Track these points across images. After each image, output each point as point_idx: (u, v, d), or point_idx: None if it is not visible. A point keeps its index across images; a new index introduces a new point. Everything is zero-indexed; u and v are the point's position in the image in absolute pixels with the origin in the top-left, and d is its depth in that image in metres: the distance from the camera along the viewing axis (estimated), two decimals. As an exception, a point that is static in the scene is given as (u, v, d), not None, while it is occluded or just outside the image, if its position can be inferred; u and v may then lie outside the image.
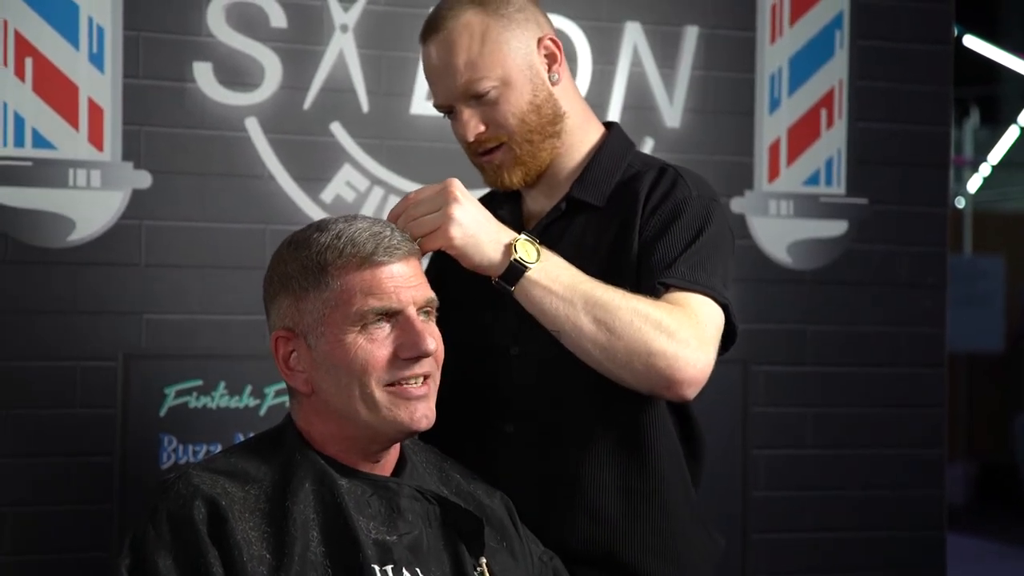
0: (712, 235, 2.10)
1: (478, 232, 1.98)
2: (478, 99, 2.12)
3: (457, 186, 1.99)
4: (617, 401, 2.10)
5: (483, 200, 2.30)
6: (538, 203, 2.25)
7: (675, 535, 2.15)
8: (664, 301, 2.02)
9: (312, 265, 1.85)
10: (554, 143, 2.18)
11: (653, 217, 2.11)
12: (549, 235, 2.16)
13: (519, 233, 2.03)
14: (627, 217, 2.13)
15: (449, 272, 2.11)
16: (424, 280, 1.90)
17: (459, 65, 2.11)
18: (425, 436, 2.22)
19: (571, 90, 2.22)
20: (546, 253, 2.01)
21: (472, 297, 2.15)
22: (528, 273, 1.98)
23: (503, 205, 2.27)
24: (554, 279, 1.99)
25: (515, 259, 1.98)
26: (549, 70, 2.17)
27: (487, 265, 1.99)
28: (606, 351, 1.98)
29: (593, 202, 2.18)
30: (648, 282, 2.05)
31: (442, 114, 2.21)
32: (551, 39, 2.18)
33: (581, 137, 2.22)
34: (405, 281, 1.86)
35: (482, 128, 2.14)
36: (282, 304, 1.89)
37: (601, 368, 2.01)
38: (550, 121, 2.16)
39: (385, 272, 1.85)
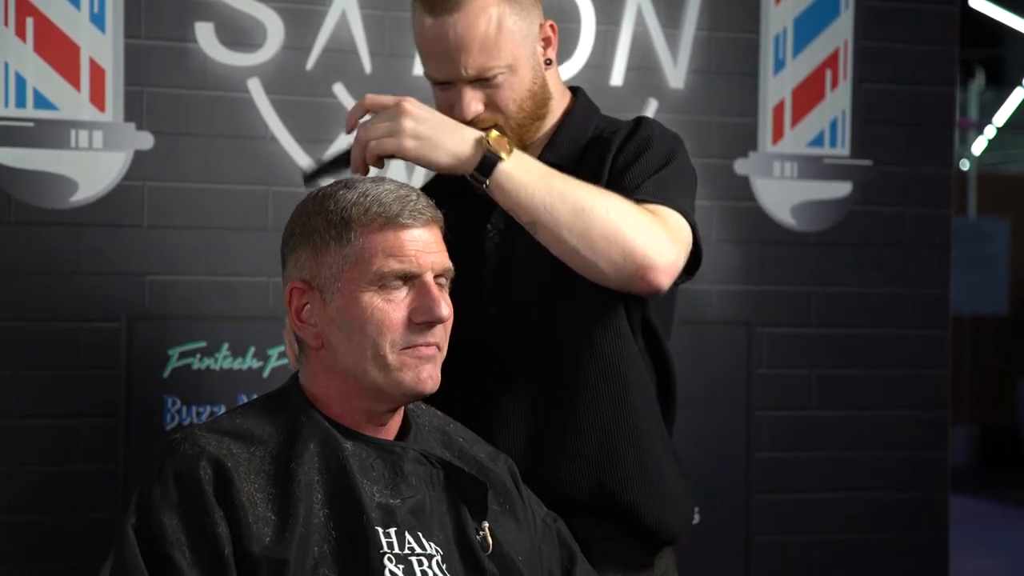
0: (678, 167, 2.16)
1: (434, 133, 2.03)
2: (483, 82, 2.15)
3: (410, 102, 2.05)
4: (589, 345, 2.16)
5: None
6: None
7: (655, 465, 2.21)
8: None
9: (336, 220, 1.86)
10: (540, 125, 2.23)
11: (619, 156, 2.17)
12: None
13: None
14: (596, 170, 2.17)
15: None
16: (444, 249, 1.90)
17: (473, 48, 2.13)
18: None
19: (555, 70, 2.28)
20: (517, 151, 2.05)
21: (456, 265, 2.18)
22: (502, 164, 2.01)
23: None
24: (528, 170, 2.03)
25: (488, 151, 2.02)
26: (545, 54, 2.21)
27: (456, 161, 2.03)
28: (583, 239, 2.01)
29: (564, 164, 2.19)
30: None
31: (432, 82, 2.23)
32: (550, 24, 2.23)
33: (555, 109, 2.27)
34: (426, 247, 1.86)
35: (481, 108, 2.16)
36: (301, 256, 1.89)
37: (577, 258, 2.04)
38: (541, 105, 2.22)
39: (407, 235, 1.85)
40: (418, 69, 3.06)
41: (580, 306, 2.19)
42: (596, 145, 2.22)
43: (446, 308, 1.86)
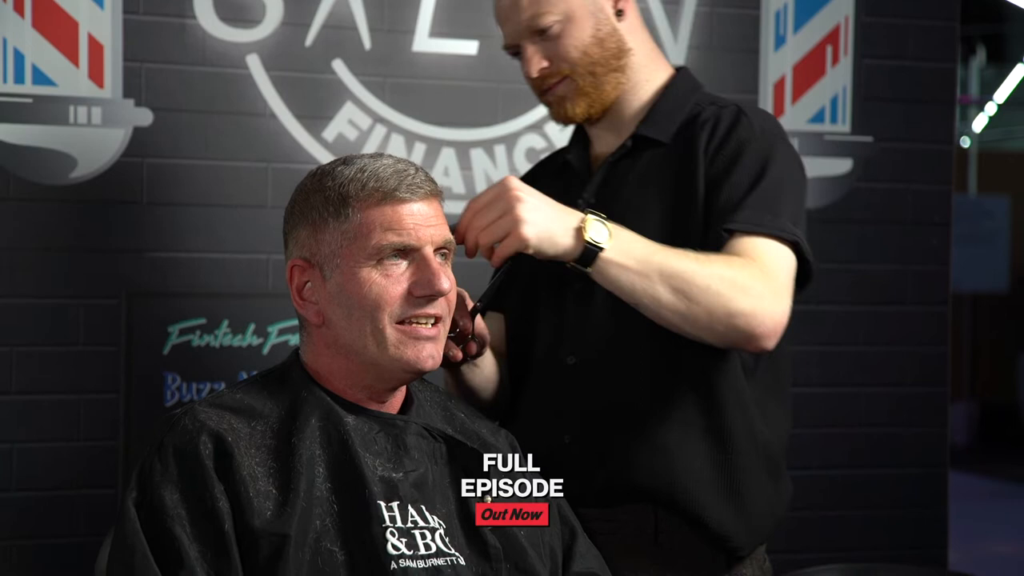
0: (777, 173, 2.11)
1: (549, 224, 1.98)
2: (541, 34, 2.16)
3: (515, 183, 1.99)
4: (679, 341, 2.10)
5: (548, 158, 2.39)
6: (604, 144, 2.27)
7: (737, 473, 2.16)
8: (731, 249, 2.04)
9: (334, 196, 1.86)
10: (618, 78, 2.20)
11: (718, 156, 2.12)
12: (616, 173, 2.20)
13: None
14: (691, 151, 2.15)
15: None
16: (444, 222, 1.90)
17: (523, 1, 2.15)
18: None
19: (638, 28, 2.25)
20: (615, 228, 2.01)
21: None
22: (602, 254, 1.98)
23: (570, 150, 2.32)
24: (627, 254, 1.99)
25: (588, 242, 1.98)
26: (615, 4, 2.20)
27: (561, 255, 1.99)
28: (686, 318, 2.00)
29: (659, 138, 2.19)
30: (716, 226, 2.07)
31: (511, 56, 2.24)
32: None
33: (647, 76, 2.24)
34: (425, 220, 1.86)
35: (545, 64, 2.18)
36: (301, 234, 1.89)
37: (682, 332, 2.03)
38: (614, 55, 2.19)
39: (406, 209, 1.85)
40: (417, 45, 3.07)
41: None
42: (693, 124, 2.18)
43: (446, 281, 1.85)
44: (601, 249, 1.98)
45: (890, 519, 3.42)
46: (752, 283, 2.01)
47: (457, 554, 1.82)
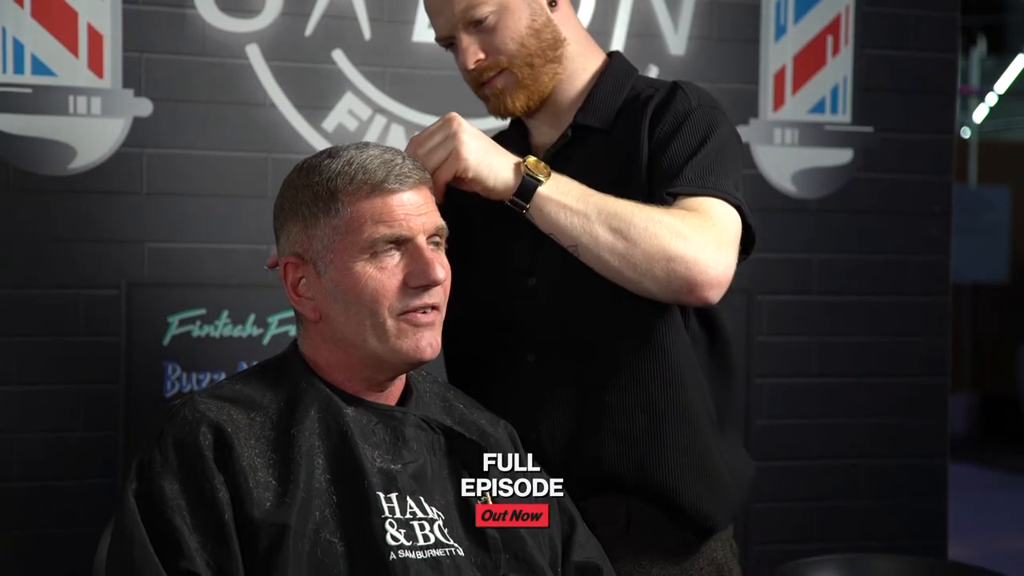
0: (717, 142, 2.11)
1: (489, 152, 2.00)
2: (477, 26, 2.14)
3: (459, 117, 2.01)
4: (633, 322, 2.12)
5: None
6: (544, 135, 2.26)
7: (703, 452, 2.16)
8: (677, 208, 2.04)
9: (323, 191, 1.85)
10: (555, 68, 2.19)
11: (658, 129, 2.13)
12: (557, 163, 2.17)
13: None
14: (632, 133, 2.15)
15: (466, 212, 2.13)
16: (434, 208, 1.90)
17: None
18: (451, 371, 2.26)
19: (570, 17, 2.24)
20: (555, 173, 2.03)
21: (489, 233, 2.19)
22: (540, 189, 1.99)
23: (510, 144, 2.29)
24: (566, 193, 2.00)
25: (527, 174, 1.99)
26: None
27: (501, 187, 2.00)
28: (625, 259, 1.98)
29: (598, 125, 2.19)
30: (658, 193, 2.07)
31: (444, 47, 2.22)
32: None
33: (582, 64, 2.23)
34: (415, 209, 1.86)
35: (481, 55, 2.16)
36: (292, 230, 1.89)
37: (622, 278, 2.01)
38: (550, 46, 2.18)
39: (395, 200, 1.84)
40: (417, 35, 3.06)
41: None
42: (632, 107, 2.19)
43: (441, 270, 1.85)
44: (540, 183, 1.99)
45: (890, 510, 3.42)
46: (694, 231, 1.99)
47: (456, 545, 1.82)
